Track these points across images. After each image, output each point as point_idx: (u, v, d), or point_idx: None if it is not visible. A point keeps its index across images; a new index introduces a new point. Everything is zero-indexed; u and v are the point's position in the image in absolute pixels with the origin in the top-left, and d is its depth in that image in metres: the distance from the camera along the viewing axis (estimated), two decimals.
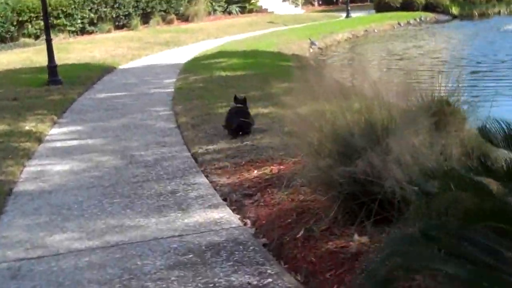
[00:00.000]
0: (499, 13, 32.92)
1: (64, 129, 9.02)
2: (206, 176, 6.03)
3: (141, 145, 7.62)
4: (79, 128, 9.04)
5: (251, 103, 9.27)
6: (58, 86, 12.69)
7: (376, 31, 26.93)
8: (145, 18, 27.66)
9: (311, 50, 20.00)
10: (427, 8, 32.96)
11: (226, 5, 34.28)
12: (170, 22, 28.66)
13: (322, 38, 22.35)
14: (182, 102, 10.22)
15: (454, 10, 32.70)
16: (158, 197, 5.51)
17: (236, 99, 7.95)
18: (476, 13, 32.61)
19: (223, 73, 13.03)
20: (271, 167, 5.88)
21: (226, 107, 9.21)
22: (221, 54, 17.12)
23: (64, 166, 6.84)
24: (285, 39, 20.94)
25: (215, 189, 5.60)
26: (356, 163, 3.76)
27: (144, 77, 14.35)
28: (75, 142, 8.10)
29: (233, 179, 5.79)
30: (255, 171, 5.86)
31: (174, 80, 13.36)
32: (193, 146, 7.22)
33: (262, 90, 10.41)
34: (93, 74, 14.64)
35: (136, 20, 26.74)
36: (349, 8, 31.79)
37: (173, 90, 11.99)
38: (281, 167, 5.80)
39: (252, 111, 8.67)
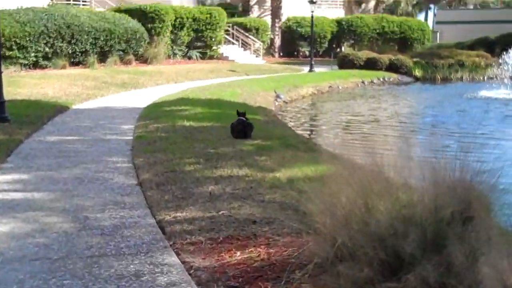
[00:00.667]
0: (461, 78, 32.84)
1: (7, 177, 7.86)
2: (177, 254, 4.99)
3: (96, 205, 6.53)
4: (24, 177, 7.89)
5: (222, 161, 8.35)
6: (5, 124, 11.51)
7: (340, 88, 26.41)
8: (103, 57, 26.60)
9: (277, 103, 19.19)
10: (391, 68, 32.72)
11: (186, 50, 33.52)
12: (128, 62, 27.67)
13: (286, 91, 21.62)
14: (143, 153, 9.18)
15: (418, 73, 32.53)
16: (119, 280, 4.44)
17: (238, 114, 10.78)
18: (439, 77, 32.49)
19: (186, 123, 12.03)
20: (258, 249, 4.87)
21: (195, 164, 8.25)
22: (183, 101, 16.15)
23: (4, 227, 5.71)
24: (249, 89, 20.10)
25: (190, 274, 4.56)
26: (406, 279, 2.77)
27: (99, 120, 13.26)
28: (19, 195, 6.96)
29: (211, 261, 4.76)
30: (238, 253, 4.84)
31: (133, 126, 12.32)
32: (158, 211, 6.17)
33: (232, 146, 9.47)
34: (44, 113, 13.47)
35: (93, 58, 25.63)
36: (312, 62, 31.28)
37: (132, 138, 10.96)
38: (271, 250, 4.80)
39: (225, 172, 7.72)
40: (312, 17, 32.91)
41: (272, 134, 11.11)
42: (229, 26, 37.57)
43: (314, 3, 32.44)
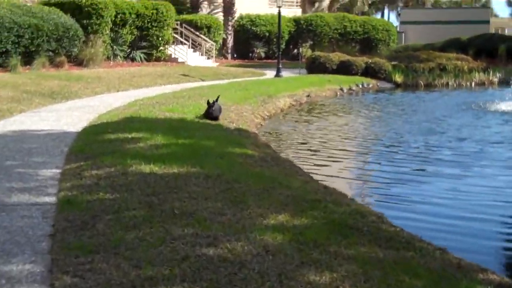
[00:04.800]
0: (446, 85, 28.95)
1: None
2: None
3: None
4: None
5: None
6: None
7: (320, 97, 22.07)
8: (28, 58, 21.66)
9: (256, 120, 14.68)
10: (368, 73, 28.50)
11: (129, 50, 28.79)
12: (59, 65, 22.82)
13: (261, 103, 17.13)
14: (73, 257, 4.61)
15: (398, 78, 28.46)
16: None
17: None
18: (422, 83, 28.55)
19: (146, 168, 7.47)
20: None
21: None
22: (133, 122, 11.53)
23: None
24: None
25: None
26: None
27: (7, 158, 8.57)
28: None
29: None
30: None
31: (59, 172, 7.69)
32: None
33: (244, 233, 4.95)
34: None
35: (15, 60, 20.66)
36: (280, 66, 26.81)
37: (55, 201, 6.34)
38: None
39: None
40: (279, 12, 28.37)
41: (291, 193, 6.63)
42: (177, 24, 32.91)
43: None
